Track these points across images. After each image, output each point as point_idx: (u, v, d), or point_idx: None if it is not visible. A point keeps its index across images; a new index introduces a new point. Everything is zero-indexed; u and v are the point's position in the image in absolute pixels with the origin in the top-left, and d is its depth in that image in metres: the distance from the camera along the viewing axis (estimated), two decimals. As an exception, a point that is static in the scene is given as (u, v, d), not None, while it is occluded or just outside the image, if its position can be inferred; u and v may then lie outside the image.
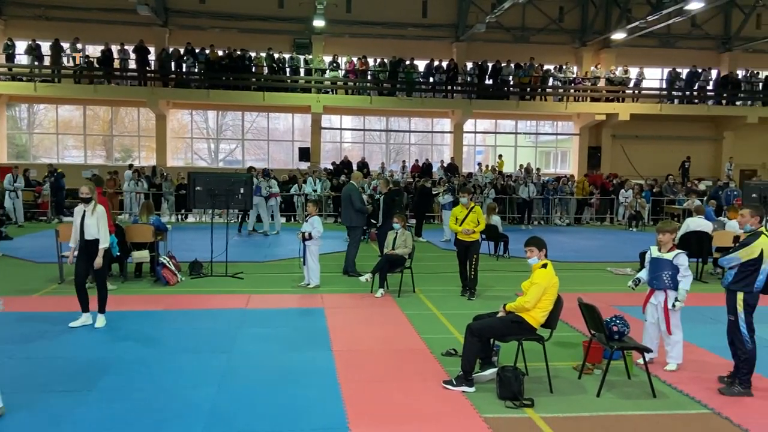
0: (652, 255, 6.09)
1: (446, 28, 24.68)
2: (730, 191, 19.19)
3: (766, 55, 25.42)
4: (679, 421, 4.87)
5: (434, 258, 12.93)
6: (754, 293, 5.31)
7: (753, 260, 5.27)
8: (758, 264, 5.26)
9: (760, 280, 5.26)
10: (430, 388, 5.42)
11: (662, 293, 5.97)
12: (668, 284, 5.91)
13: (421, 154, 25.76)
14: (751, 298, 5.33)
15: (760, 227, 5.44)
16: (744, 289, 5.32)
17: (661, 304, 5.98)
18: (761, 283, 5.28)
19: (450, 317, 7.88)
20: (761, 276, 5.25)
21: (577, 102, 24.32)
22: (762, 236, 5.32)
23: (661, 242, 6.04)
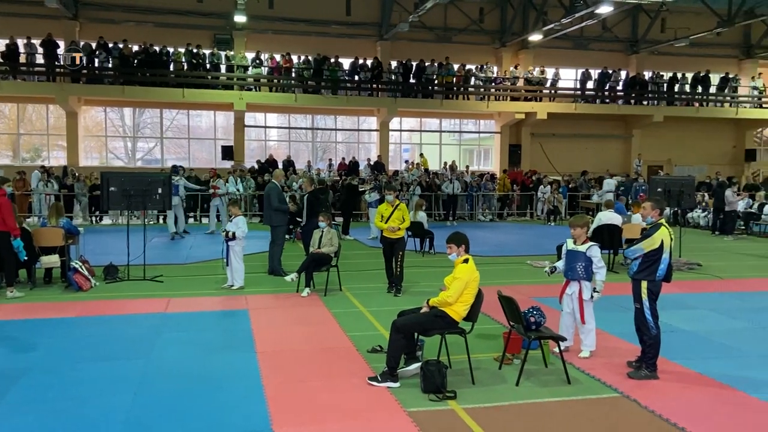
0: (568, 247, 6.35)
1: (370, 27, 24.78)
2: (639, 186, 20.36)
3: (670, 57, 27.04)
4: (591, 405, 5.11)
5: (361, 256, 12.97)
6: (657, 281, 5.64)
7: (654, 251, 5.60)
8: (659, 254, 5.59)
9: (661, 269, 5.60)
10: (356, 386, 5.43)
11: (577, 284, 6.24)
12: (582, 275, 6.18)
13: (348, 153, 25.76)
14: (655, 286, 5.66)
15: (660, 219, 5.78)
16: (647, 278, 5.64)
17: (576, 294, 6.25)
18: (663, 272, 5.62)
19: (376, 314, 7.92)
20: (662, 265, 5.59)
21: (497, 101, 25.02)
22: (662, 228, 5.66)
23: (574, 236, 6.31)
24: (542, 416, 4.88)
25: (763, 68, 28.36)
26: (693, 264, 11.88)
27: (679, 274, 10.70)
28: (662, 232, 5.62)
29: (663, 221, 5.77)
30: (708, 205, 19.39)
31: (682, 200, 12.39)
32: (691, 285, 10.11)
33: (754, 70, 28.11)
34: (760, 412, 4.94)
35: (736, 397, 5.23)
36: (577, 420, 4.82)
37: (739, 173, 27.25)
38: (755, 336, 7.15)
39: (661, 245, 5.59)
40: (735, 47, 28.20)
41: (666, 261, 5.61)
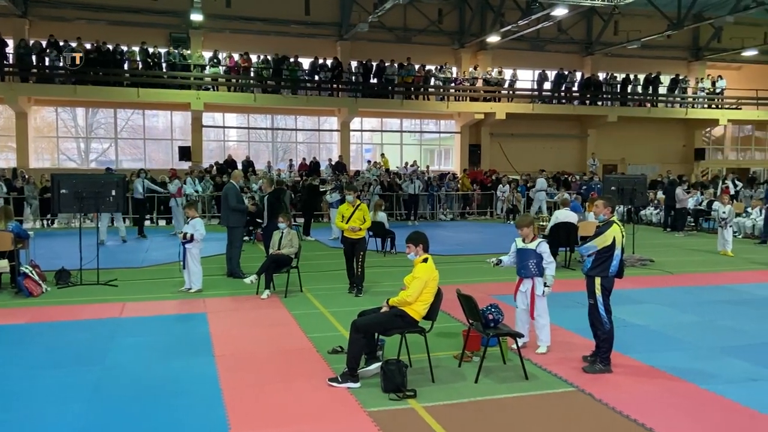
0: (518, 246, 6.45)
1: (330, 27, 24.70)
2: (593, 184, 20.86)
3: (623, 59, 27.77)
4: (547, 400, 5.21)
5: (322, 257, 12.92)
6: (610, 277, 5.79)
7: (607, 247, 5.74)
8: (612, 251, 5.74)
9: (614, 265, 5.75)
10: (316, 387, 5.40)
11: (530, 281, 6.34)
12: (534, 272, 6.30)
13: (309, 153, 25.61)
14: (608, 282, 5.80)
15: (612, 217, 5.93)
16: (601, 274, 5.79)
17: (529, 291, 6.35)
18: (615, 268, 5.77)
19: (337, 315, 7.90)
20: (615, 261, 5.74)
21: (457, 101, 25.27)
22: (614, 225, 5.82)
23: (522, 235, 6.41)
24: (501, 412, 4.95)
25: (711, 70, 29.39)
26: (645, 260, 12.23)
27: (632, 270, 11.01)
28: (614, 229, 5.77)
29: (615, 219, 5.92)
30: (660, 202, 19.98)
31: (635, 198, 12.74)
32: (644, 280, 10.40)
33: (703, 71, 29.12)
34: (708, 403, 5.12)
35: (686, 389, 5.40)
36: (534, 414, 4.91)
37: (689, 171, 28.19)
38: (704, 329, 7.39)
39: (613, 242, 5.74)
40: (684, 49, 29.15)
41: (618, 257, 5.76)
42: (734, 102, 28.72)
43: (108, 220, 14.84)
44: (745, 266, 12.02)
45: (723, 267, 11.90)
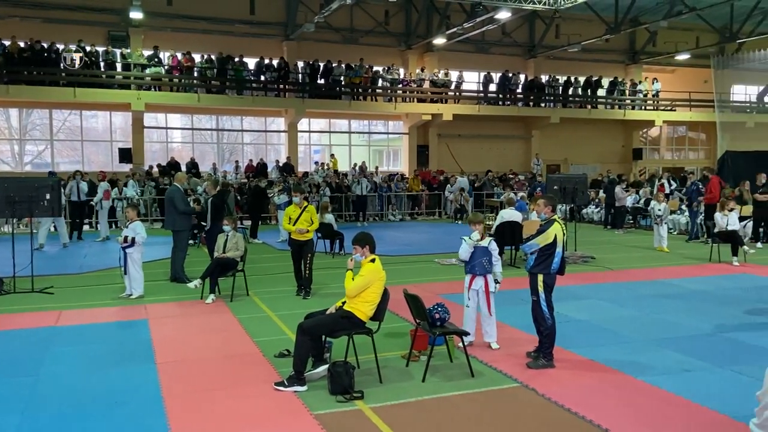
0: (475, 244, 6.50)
1: (275, 27, 24.44)
2: (537, 184, 21.39)
3: (564, 61, 28.55)
4: (493, 396, 5.29)
5: (270, 259, 12.76)
6: (552, 274, 5.94)
7: (549, 245, 5.89)
8: (553, 248, 5.89)
9: (555, 263, 5.90)
10: (262, 392, 5.33)
11: (482, 278, 6.43)
12: (488, 269, 6.42)
13: (256, 154, 25.24)
14: (550, 279, 5.95)
15: (553, 215, 6.09)
16: (543, 271, 5.93)
17: (483, 288, 6.44)
18: (557, 265, 5.92)
19: (284, 318, 7.82)
20: (556, 259, 5.89)
21: (405, 102, 25.42)
22: (555, 223, 5.97)
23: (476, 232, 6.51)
24: (447, 410, 5.00)
25: (647, 73, 30.55)
26: (587, 257, 12.61)
27: (573, 267, 11.33)
28: (555, 227, 5.92)
29: (556, 217, 6.08)
30: (600, 201, 20.63)
31: (577, 197, 13.12)
32: (585, 277, 10.72)
33: (639, 74, 30.25)
34: (643, 393, 5.30)
35: (624, 381, 5.59)
36: (479, 411, 4.98)
37: (628, 171, 29.22)
38: (641, 323, 7.67)
39: (555, 240, 5.88)
40: (622, 53, 30.22)
41: (559, 255, 5.91)
42: (669, 104, 29.96)
43: (50, 224, 14.19)
44: (679, 261, 12.55)
45: (659, 262, 12.38)
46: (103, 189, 16.00)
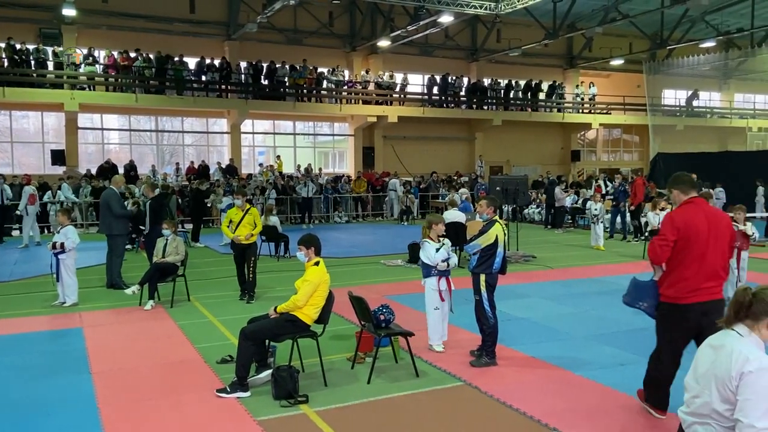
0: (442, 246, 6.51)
1: (217, 26, 23.99)
2: (479, 185, 21.79)
3: (505, 65, 29.21)
4: (437, 395, 5.34)
5: (212, 263, 12.50)
6: (493, 274, 6.05)
7: (490, 245, 6.00)
8: (495, 248, 6.00)
9: (497, 262, 6.01)
10: (204, 399, 5.20)
11: (444, 279, 6.48)
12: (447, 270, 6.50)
13: (198, 156, 24.66)
14: (491, 278, 6.06)
15: (494, 216, 6.21)
16: (485, 271, 6.03)
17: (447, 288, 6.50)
18: (498, 265, 6.04)
19: (227, 323, 7.66)
20: (497, 259, 6.01)
21: (350, 104, 25.42)
22: (496, 224, 6.09)
23: (438, 232, 6.53)
24: (392, 410, 5.01)
25: (584, 77, 31.60)
26: (528, 256, 12.92)
27: (515, 266, 11.59)
28: (496, 228, 6.04)
29: (496, 218, 6.20)
30: (541, 201, 21.20)
31: (518, 198, 13.44)
32: (526, 276, 10.98)
33: (577, 78, 31.26)
34: (582, 388, 5.47)
35: (563, 376, 5.75)
36: (423, 410, 5.02)
37: (567, 172, 30.15)
38: (579, 319, 7.92)
39: (496, 240, 6.00)
40: (560, 58, 31.16)
41: (501, 255, 6.03)
42: (604, 107, 31.08)
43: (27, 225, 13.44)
44: (615, 259, 13.02)
45: (595, 260, 12.82)
46: (28, 193, 15.19)
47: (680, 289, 4.45)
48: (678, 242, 4.44)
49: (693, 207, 4.54)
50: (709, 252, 4.42)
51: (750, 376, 2.68)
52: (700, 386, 2.89)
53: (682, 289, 4.44)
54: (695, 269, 4.41)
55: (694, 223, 4.44)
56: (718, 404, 2.79)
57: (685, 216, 4.49)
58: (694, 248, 4.41)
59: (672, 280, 4.50)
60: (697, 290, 4.40)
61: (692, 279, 4.41)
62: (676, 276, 4.47)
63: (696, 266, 4.41)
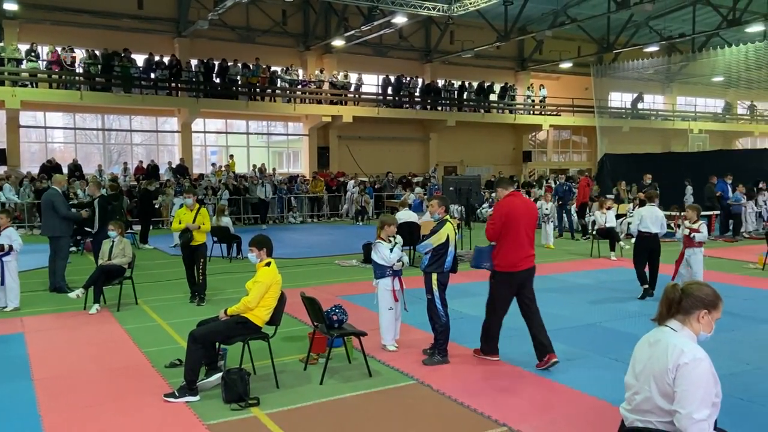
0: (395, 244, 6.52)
1: (166, 22, 23.45)
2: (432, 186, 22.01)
3: (459, 67, 29.56)
4: (390, 394, 5.37)
5: (161, 265, 12.22)
6: (445, 273, 6.11)
7: (442, 245, 6.06)
8: (446, 248, 6.07)
9: (448, 261, 6.08)
10: (151, 404, 5.08)
11: (398, 279, 6.50)
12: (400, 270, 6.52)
13: (147, 155, 24.06)
14: (443, 277, 6.12)
15: (446, 216, 6.28)
16: (437, 270, 6.09)
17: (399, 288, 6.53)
18: (449, 264, 6.10)
19: (176, 326, 7.50)
20: (449, 258, 6.07)
21: (304, 104, 25.25)
22: (447, 223, 6.16)
23: (389, 232, 6.56)
24: (344, 411, 5.01)
25: (534, 79, 32.27)
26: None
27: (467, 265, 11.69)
28: (447, 227, 6.11)
29: (447, 217, 6.27)
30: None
31: (471, 197, 13.61)
32: (477, 274, 10.95)
33: (528, 80, 31.90)
34: (531, 383, 5.59)
35: (513, 372, 5.86)
36: (376, 410, 5.03)
37: (519, 172, 30.74)
38: (530, 316, 8.06)
39: (447, 240, 6.06)
40: (512, 60, 31.74)
41: (452, 254, 6.10)
42: (554, 109, 31.82)
43: None
44: (564, 257, 13.35)
45: (546, 258, 13.08)
46: None
47: (509, 261, 5.90)
48: (504, 225, 5.87)
49: (513, 198, 6.00)
50: (524, 232, 5.91)
51: (686, 367, 2.79)
52: (639, 383, 2.98)
53: (510, 261, 5.89)
54: (517, 245, 5.88)
55: (514, 210, 5.89)
56: (658, 399, 2.88)
57: (509, 205, 5.93)
58: (515, 229, 5.87)
59: (503, 254, 5.92)
60: (520, 261, 5.90)
61: (516, 253, 5.88)
62: (505, 251, 5.91)
63: (517, 243, 5.88)
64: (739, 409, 4.89)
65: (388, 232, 6.50)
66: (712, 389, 2.80)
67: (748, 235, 16.44)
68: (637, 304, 8.74)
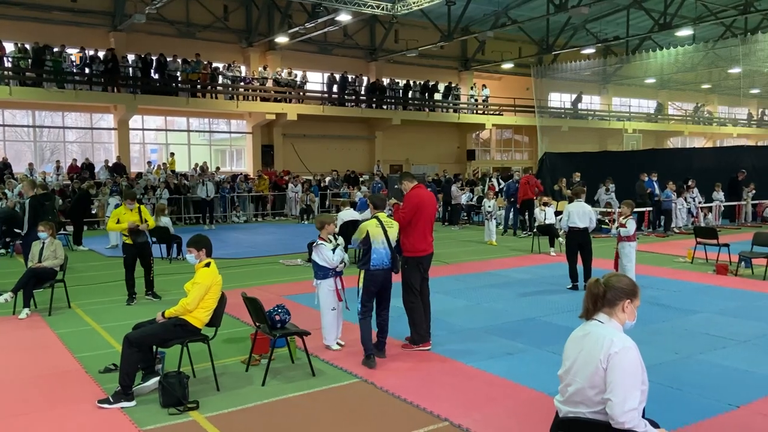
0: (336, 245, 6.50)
1: (101, 16, 22.60)
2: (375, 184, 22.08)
3: (403, 66, 29.73)
4: (333, 393, 5.34)
5: (96, 267, 11.79)
6: (372, 271, 6.04)
7: (364, 240, 6.09)
8: (368, 244, 6.07)
9: (374, 259, 6.03)
10: (84, 411, 4.89)
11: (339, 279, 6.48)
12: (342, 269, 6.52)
13: (82, 154, 23.13)
14: (368, 275, 6.03)
15: (376, 212, 6.30)
16: (362, 267, 6.10)
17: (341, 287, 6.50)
18: (376, 262, 6.01)
19: (112, 330, 7.25)
20: (374, 255, 6.03)
21: (247, 101, 24.84)
22: (371, 220, 6.19)
23: (329, 231, 6.53)
24: (287, 411, 4.96)
25: (477, 79, 32.81)
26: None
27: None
28: (368, 224, 6.14)
29: (378, 214, 6.26)
30: (439, 199, 21.77)
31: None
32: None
33: (471, 80, 32.40)
34: (472, 378, 5.67)
35: (455, 368, 5.93)
36: (319, 409, 5.00)
37: (463, 170, 31.18)
38: (472, 312, 8.21)
39: (367, 236, 6.05)
40: (455, 60, 32.16)
41: (379, 252, 6.02)
42: (497, 109, 32.44)
43: None
44: (506, 253, 13.64)
45: (489, 255, 13.36)
46: None
47: (418, 247, 6.41)
48: (415, 214, 6.35)
49: (420, 190, 6.55)
50: (430, 220, 6.54)
51: (616, 356, 2.89)
52: (571, 375, 3.07)
53: (419, 246, 6.41)
54: (423, 233, 6.43)
55: (422, 201, 6.43)
56: (589, 390, 2.97)
57: (419, 196, 6.46)
58: (421, 218, 6.41)
59: (412, 241, 6.39)
60: (427, 246, 6.49)
61: (424, 239, 6.44)
62: (414, 237, 6.39)
63: (426, 230, 6.47)
64: (667, 397, 5.11)
65: (328, 231, 6.49)
66: (640, 377, 2.91)
67: (678, 230, 17.21)
68: (574, 299, 9.02)
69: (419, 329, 6.47)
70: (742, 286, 9.64)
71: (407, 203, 6.42)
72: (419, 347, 6.44)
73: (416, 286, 6.47)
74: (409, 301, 6.49)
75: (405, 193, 6.60)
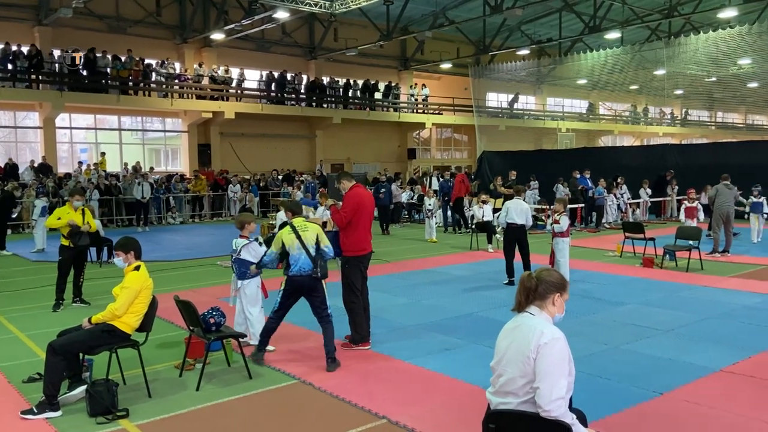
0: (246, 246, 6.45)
1: (24, 9, 21.51)
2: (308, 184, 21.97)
3: (343, 64, 29.66)
4: (271, 395, 5.27)
5: (21, 272, 11.23)
6: (291, 277, 5.96)
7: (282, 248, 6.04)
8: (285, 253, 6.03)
9: (293, 266, 5.94)
10: (6, 423, 4.64)
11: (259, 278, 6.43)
12: None
13: (5, 153, 21.93)
14: (288, 281, 5.99)
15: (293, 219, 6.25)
16: (285, 273, 6.04)
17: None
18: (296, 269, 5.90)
19: (36, 338, 6.91)
20: (291, 261, 5.96)
21: (182, 99, 24.19)
22: (285, 227, 6.16)
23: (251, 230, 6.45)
24: (223, 416, 4.85)
25: (417, 78, 33.10)
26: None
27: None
28: (282, 232, 6.11)
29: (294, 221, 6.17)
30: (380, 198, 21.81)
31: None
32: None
33: (411, 80, 32.66)
34: (411, 374, 5.71)
35: (394, 366, 5.96)
36: (257, 412, 4.91)
37: (404, 169, 31.41)
38: (412, 309, 8.27)
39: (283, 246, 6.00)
40: (395, 59, 32.35)
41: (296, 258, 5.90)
42: (437, 108, 32.84)
43: None
44: (446, 251, 13.82)
45: (429, 252, 13.50)
46: None
47: (359, 246, 6.48)
48: (356, 213, 6.38)
49: (359, 189, 6.58)
50: (369, 219, 6.62)
51: (546, 347, 2.97)
52: (502, 365, 3.14)
53: (360, 246, 6.49)
54: (363, 232, 6.51)
55: (362, 200, 6.48)
56: (519, 380, 3.05)
57: (359, 195, 6.50)
58: (362, 218, 6.47)
59: (354, 240, 6.45)
60: (367, 245, 6.57)
61: (363, 239, 6.50)
62: (356, 237, 6.45)
63: (363, 230, 6.51)
64: (595, 387, 5.30)
65: (250, 229, 6.49)
66: (567, 367, 3.00)
67: (608, 225, 17.91)
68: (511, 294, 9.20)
69: (360, 329, 6.51)
70: (667, 278, 10.11)
71: (347, 203, 6.43)
72: (359, 347, 6.46)
73: (357, 286, 6.51)
74: (350, 301, 6.51)
75: (344, 192, 6.60)
